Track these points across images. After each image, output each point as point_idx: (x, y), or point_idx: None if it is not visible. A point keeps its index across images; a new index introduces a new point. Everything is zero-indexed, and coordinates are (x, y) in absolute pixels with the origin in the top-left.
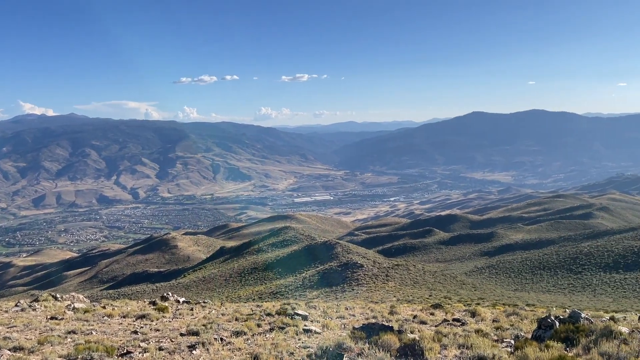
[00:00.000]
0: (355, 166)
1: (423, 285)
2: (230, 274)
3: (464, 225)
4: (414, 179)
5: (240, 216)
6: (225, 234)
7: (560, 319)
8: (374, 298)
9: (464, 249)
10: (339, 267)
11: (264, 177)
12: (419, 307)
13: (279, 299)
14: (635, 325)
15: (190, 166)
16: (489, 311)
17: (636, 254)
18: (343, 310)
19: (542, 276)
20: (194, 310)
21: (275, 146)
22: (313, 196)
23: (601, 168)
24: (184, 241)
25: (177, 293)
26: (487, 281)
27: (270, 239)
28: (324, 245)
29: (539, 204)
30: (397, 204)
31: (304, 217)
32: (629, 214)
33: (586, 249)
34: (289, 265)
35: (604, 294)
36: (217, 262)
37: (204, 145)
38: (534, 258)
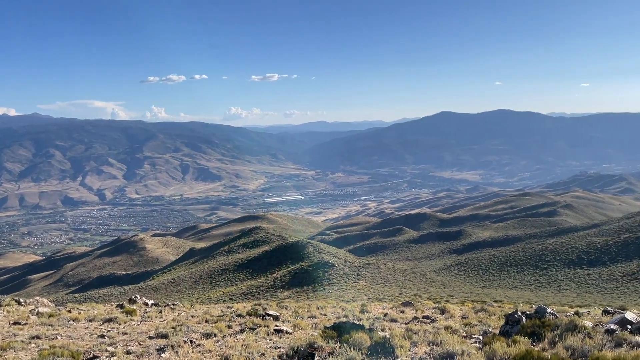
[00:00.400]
0: (326, 166)
1: (394, 283)
2: (201, 276)
3: (433, 224)
4: (384, 179)
5: (210, 217)
6: (195, 235)
7: (526, 314)
8: (346, 297)
9: (434, 247)
10: (311, 266)
11: (235, 177)
12: (389, 305)
13: (250, 299)
14: (598, 319)
15: (159, 166)
16: (458, 308)
17: (599, 250)
18: (314, 310)
19: (509, 273)
20: (163, 313)
21: (246, 146)
22: (284, 196)
23: (565, 167)
24: (152, 243)
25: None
26: (456, 278)
27: (241, 240)
28: (295, 245)
29: (505, 202)
30: (368, 203)
31: (275, 217)
32: (591, 211)
33: (551, 245)
34: (260, 266)
35: (569, 289)
36: (186, 264)
37: (173, 146)
38: (501, 255)
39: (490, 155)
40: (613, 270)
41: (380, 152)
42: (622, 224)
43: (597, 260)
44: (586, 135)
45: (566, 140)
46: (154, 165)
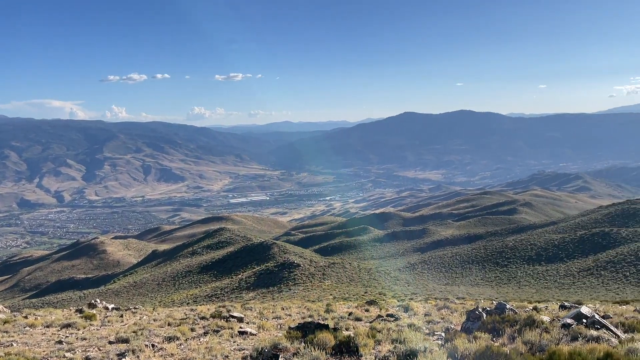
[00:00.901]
0: (292, 166)
1: (359, 282)
2: (164, 278)
3: (397, 223)
4: (349, 178)
5: (173, 218)
6: (158, 237)
7: (487, 310)
8: (311, 297)
9: (398, 245)
10: (276, 267)
11: (198, 178)
12: (354, 304)
13: (215, 301)
14: (556, 314)
15: (120, 167)
16: (421, 305)
17: (556, 246)
18: (279, 311)
19: (471, 270)
20: (124, 317)
21: (210, 146)
22: (249, 196)
23: (524, 166)
24: (113, 245)
25: (106, 300)
26: (420, 276)
27: (205, 241)
28: (261, 245)
29: (467, 200)
30: (333, 203)
31: (240, 218)
32: (549, 209)
33: (511, 243)
34: (224, 267)
35: (528, 285)
36: (149, 266)
37: (134, 146)
38: (463, 253)
39: (452, 155)
40: (570, 266)
41: (345, 152)
42: (578, 221)
43: (554, 256)
44: (544, 135)
45: (525, 140)
46: (115, 166)
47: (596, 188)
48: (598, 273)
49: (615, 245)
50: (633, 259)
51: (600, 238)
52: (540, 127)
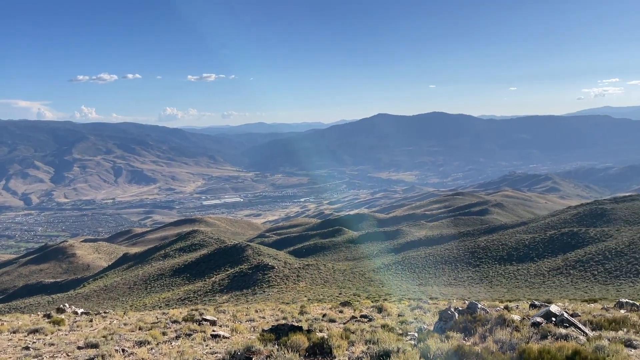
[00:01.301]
0: (266, 167)
1: (333, 283)
2: (135, 282)
3: (371, 224)
4: (323, 180)
5: (145, 221)
6: (129, 240)
7: (459, 310)
8: (285, 299)
9: (372, 246)
10: (250, 269)
11: (171, 180)
12: (328, 305)
13: (187, 305)
14: (526, 313)
15: (89, 169)
16: (395, 306)
17: (527, 246)
18: (253, 313)
19: (444, 270)
20: (94, 322)
21: (182, 148)
22: (222, 198)
23: (496, 167)
24: (83, 249)
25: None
26: (394, 277)
27: (178, 244)
28: (234, 248)
29: (440, 201)
30: (308, 204)
31: (214, 220)
32: (520, 209)
33: (483, 243)
34: (198, 270)
35: (500, 284)
36: (120, 270)
37: (104, 147)
38: (437, 253)
39: (425, 156)
40: (540, 265)
41: (319, 153)
42: (548, 222)
43: (525, 256)
44: (514, 136)
45: (496, 141)
46: (84, 168)
47: (565, 189)
48: (567, 272)
49: (584, 244)
50: (601, 258)
51: (569, 238)
52: (510, 129)
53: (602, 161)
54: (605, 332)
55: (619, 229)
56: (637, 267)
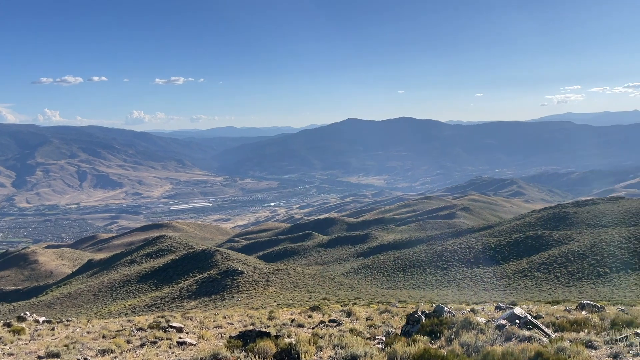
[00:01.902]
0: (235, 172)
1: (303, 288)
2: (100, 289)
3: (341, 228)
4: (293, 184)
5: (110, 226)
6: (94, 246)
7: (426, 313)
8: (254, 304)
9: (342, 250)
10: (219, 275)
11: (137, 184)
12: (297, 310)
13: (154, 312)
14: (491, 315)
15: (53, 173)
16: (363, 310)
17: (493, 249)
18: (221, 319)
19: (412, 274)
20: (56, 330)
21: (150, 151)
22: (191, 203)
23: (462, 171)
24: (45, 255)
25: (37, 312)
26: (363, 281)
27: (145, 249)
28: (203, 253)
29: (408, 205)
30: (278, 208)
31: (182, 225)
32: (486, 213)
33: (451, 246)
34: (165, 276)
35: (467, 287)
36: (84, 277)
37: (69, 151)
38: (405, 257)
39: (394, 160)
40: (506, 268)
41: (289, 157)
42: (513, 225)
43: (491, 259)
44: (481, 142)
45: (463, 146)
46: (48, 172)
47: (530, 193)
48: (532, 274)
49: (548, 247)
50: (564, 260)
51: (534, 241)
52: (477, 134)
53: (565, 166)
54: (567, 334)
55: (581, 232)
56: (599, 269)
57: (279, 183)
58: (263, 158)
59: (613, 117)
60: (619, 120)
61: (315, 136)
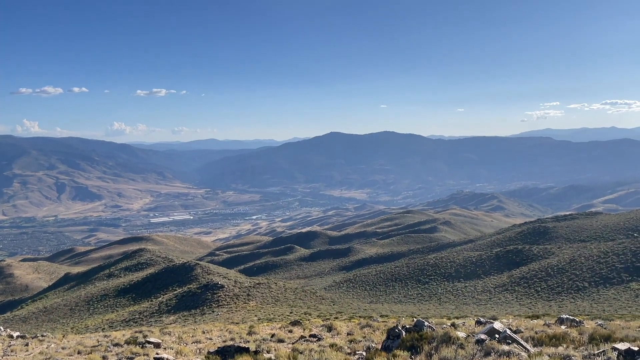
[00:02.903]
0: (217, 184)
1: (284, 302)
2: (77, 303)
3: (323, 242)
4: (275, 197)
5: (88, 239)
6: (71, 259)
7: (406, 328)
8: (235, 319)
9: (324, 264)
10: (199, 289)
11: (117, 197)
12: (278, 325)
13: (132, 326)
14: (472, 330)
15: (30, 185)
16: (344, 324)
17: (474, 263)
18: (200, 334)
19: (394, 288)
20: (30, 346)
21: (130, 163)
22: (171, 216)
23: (444, 186)
24: (21, 268)
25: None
26: (345, 295)
27: (123, 263)
28: (183, 266)
29: (391, 219)
30: (260, 222)
31: (162, 238)
32: (467, 227)
33: (432, 260)
34: (144, 290)
35: (448, 301)
36: (61, 290)
37: (47, 163)
38: (387, 271)
39: (376, 174)
40: (487, 282)
41: (271, 171)
42: (494, 239)
43: (472, 273)
44: (462, 156)
45: (444, 160)
46: (25, 184)
47: (510, 207)
48: (512, 289)
49: (528, 261)
50: (544, 274)
51: (514, 255)
52: (458, 149)
53: (544, 181)
54: (546, 348)
55: (561, 247)
56: (578, 283)
57: (261, 196)
58: (245, 171)
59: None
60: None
61: (298, 149)
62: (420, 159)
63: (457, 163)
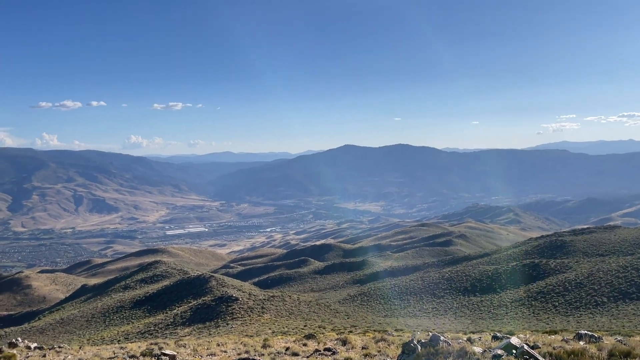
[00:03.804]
0: (232, 197)
1: (298, 315)
2: (93, 314)
3: (337, 254)
4: (290, 210)
5: (105, 251)
6: (88, 271)
7: (422, 342)
8: (249, 332)
9: (338, 277)
10: (213, 301)
11: (133, 209)
12: (292, 338)
13: (148, 338)
14: (488, 345)
15: (49, 197)
16: (359, 338)
17: (490, 277)
18: (215, 347)
19: (409, 301)
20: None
21: (146, 176)
22: (187, 228)
23: (459, 198)
24: (39, 280)
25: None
26: (360, 308)
27: (139, 275)
28: (198, 279)
29: (405, 232)
30: (274, 234)
31: (177, 250)
32: (483, 241)
33: (447, 274)
34: (159, 302)
35: (464, 316)
36: (78, 302)
37: (65, 175)
38: (402, 284)
39: (390, 187)
40: (503, 296)
41: (286, 183)
42: (510, 253)
43: (488, 287)
44: (477, 169)
45: (459, 174)
46: (44, 196)
47: (526, 221)
48: (529, 303)
49: (545, 276)
50: (561, 289)
51: (531, 269)
52: (473, 162)
53: (561, 194)
54: None
55: (578, 261)
56: (596, 298)
57: (276, 208)
58: (260, 183)
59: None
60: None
61: (312, 162)
62: (435, 171)
63: (472, 176)
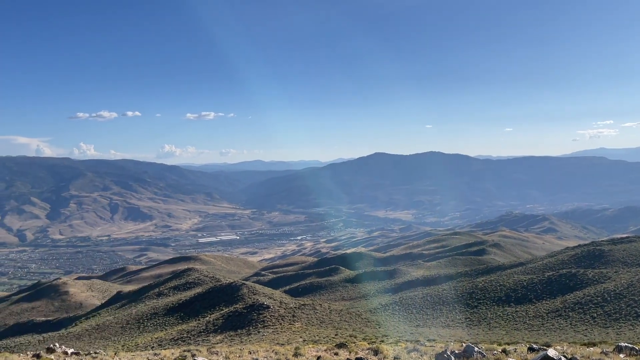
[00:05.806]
0: (263, 205)
1: (329, 324)
2: (128, 321)
3: (368, 263)
4: (320, 218)
5: (140, 258)
6: (123, 278)
7: (455, 353)
8: (280, 340)
9: (369, 286)
10: (245, 309)
11: (167, 217)
12: (324, 347)
13: (180, 345)
14: (524, 356)
15: (86, 206)
16: (391, 348)
17: (525, 287)
18: (246, 355)
19: (441, 311)
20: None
21: (179, 185)
22: (219, 236)
23: (492, 207)
24: (76, 286)
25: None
26: (391, 318)
27: (172, 282)
28: (229, 286)
29: (437, 241)
30: (304, 242)
31: (209, 258)
32: (517, 250)
33: (481, 283)
34: (192, 309)
35: (498, 326)
36: (113, 308)
37: (102, 184)
38: (434, 293)
39: (422, 195)
40: (539, 307)
41: (316, 191)
42: (546, 262)
43: (523, 297)
44: (511, 177)
45: (492, 181)
46: (81, 205)
47: (562, 229)
48: (566, 314)
49: (582, 286)
50: (599, 300)
51: (568, 279)
52: (507, 169)
53: (599, 202)
54: None
55: (617, 271)
56: (637, 309)
57: (306, 217)
58: (290, 191)
59: None
60: None
61: (343, 170)
62: (468, 179)
63: (506, 184)
